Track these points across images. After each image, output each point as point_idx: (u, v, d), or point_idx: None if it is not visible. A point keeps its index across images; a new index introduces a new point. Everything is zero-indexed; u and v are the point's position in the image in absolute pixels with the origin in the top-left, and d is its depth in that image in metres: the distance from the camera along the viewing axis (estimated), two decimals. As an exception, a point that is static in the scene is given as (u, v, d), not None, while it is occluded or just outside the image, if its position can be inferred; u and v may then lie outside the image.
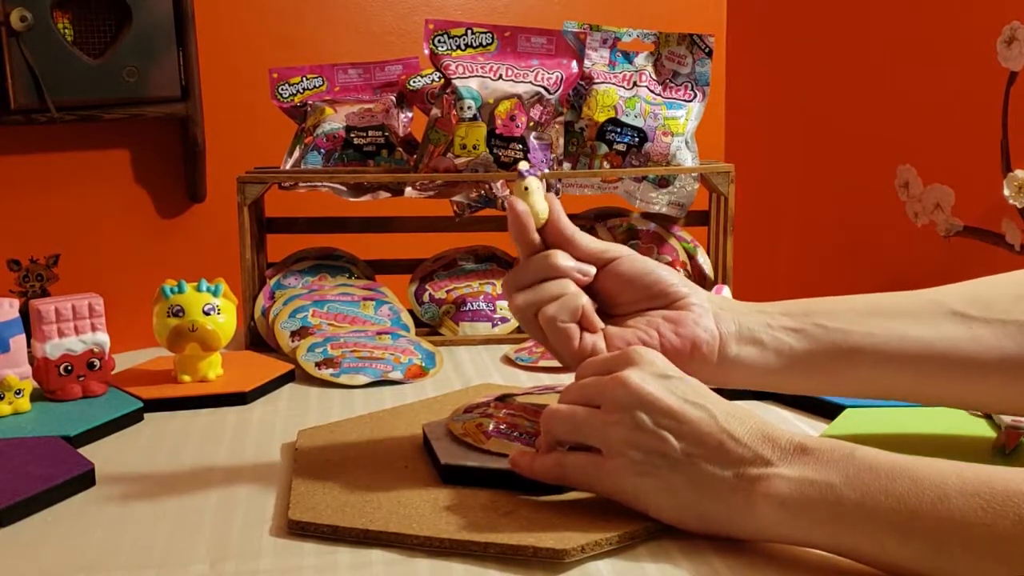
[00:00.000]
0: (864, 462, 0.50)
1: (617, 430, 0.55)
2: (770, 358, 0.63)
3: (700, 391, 0.56)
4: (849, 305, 0.63)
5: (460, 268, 1.11)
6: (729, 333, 0.63)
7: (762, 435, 0.53)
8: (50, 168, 1.80)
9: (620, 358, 0.58)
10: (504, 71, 1.05)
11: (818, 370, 0.63)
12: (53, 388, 0.82)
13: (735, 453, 0.53)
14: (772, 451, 0.53)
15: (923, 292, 0.64)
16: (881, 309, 0.63)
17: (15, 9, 1.57)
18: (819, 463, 0.51)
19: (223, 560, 0.57)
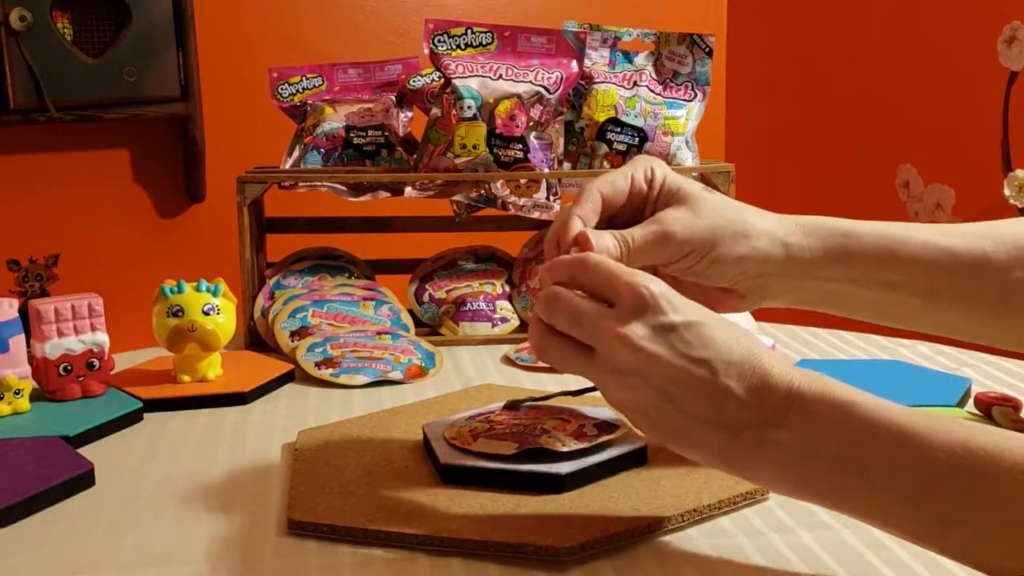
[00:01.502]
0: (864, 425, 0.48)
1: (617, 361, 0.52)
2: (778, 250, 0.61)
3: (703, 338, 0.51)
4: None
5: (460, 268, 1.11)
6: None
7: (761, 385, 0.50)
8: (50, 168, 1.80)
9: (626, 293, 0.52)
10: (504, 71, 1.05)
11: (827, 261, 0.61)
12: (52, 388, 0.82)
13: (731, 414, 0.50)
14: (769, 409, 0.50)
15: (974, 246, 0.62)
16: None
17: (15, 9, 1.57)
18: (817, 424, 0.49)
19: (223, 560, 0.57)
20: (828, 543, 0.57)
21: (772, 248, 0.60)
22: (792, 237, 0.60)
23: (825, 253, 0.60)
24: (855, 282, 0.61)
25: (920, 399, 0.78)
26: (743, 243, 0.60)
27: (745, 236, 0.60)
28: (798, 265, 0.61)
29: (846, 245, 0.60)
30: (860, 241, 0.61)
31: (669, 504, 0.60)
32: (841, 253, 0.60)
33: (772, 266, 0.60)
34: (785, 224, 0.61)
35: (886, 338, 1.03)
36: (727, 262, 0.60)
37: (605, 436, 0.65)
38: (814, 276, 0.61)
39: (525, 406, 0.71)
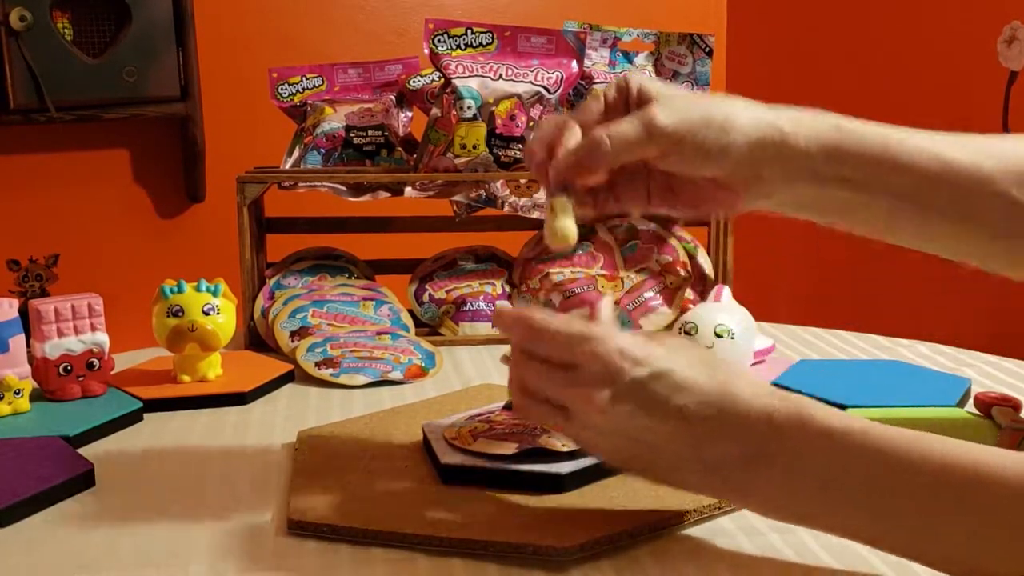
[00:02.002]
0: (842, 451, 0.49)
1: (591, 422, 0.54)
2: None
3: (674, 385, 0.52)
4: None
5: (460, 268, 1.11)
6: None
7: (738, 423, 0.51)
8: (49, 168, 1.80)
9: (587, 362, 0.52)
10: (504, 71, 1.05)
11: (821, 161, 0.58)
12: (52, 388, 0.82)
13: (711, 454, 0.51)
14: (750, 445, 0.51)
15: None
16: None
17: (14, 9, 1.57)
18: (797, 455, 0.50)
19: (223, 560, 0.57)
20: (828, 543, 0.57)
21: (763, 132, 0.57)
22: (784, 123, 0.58)
23: (819, 145, 0.57)
24: (848, 183, 0.58)
25: (920, 399, 0.78)
26: (733, 128, 0.57)
27: (733, 120, 0.57)
28: (791, 155, 0.57)
29: (839, 140, 0.57)
30: (854, 137, 0.58)
31: (669, 504, 0.60)
32: (834, 148, 0.57)
33: (766, 151, 0.57)
34: (776, 110, 0.58)
35: (886, 338, 1.03)
36: (718, 148, 0.57)
37: (605, 436, 0.65)
38: (807, 170, 0.58)
39: None
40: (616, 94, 0.59)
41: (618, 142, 0.56)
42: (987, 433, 0.70)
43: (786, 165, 0.57)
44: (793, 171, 0.58)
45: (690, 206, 0.62)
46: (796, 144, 0.57)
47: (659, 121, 0.56)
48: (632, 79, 0.59)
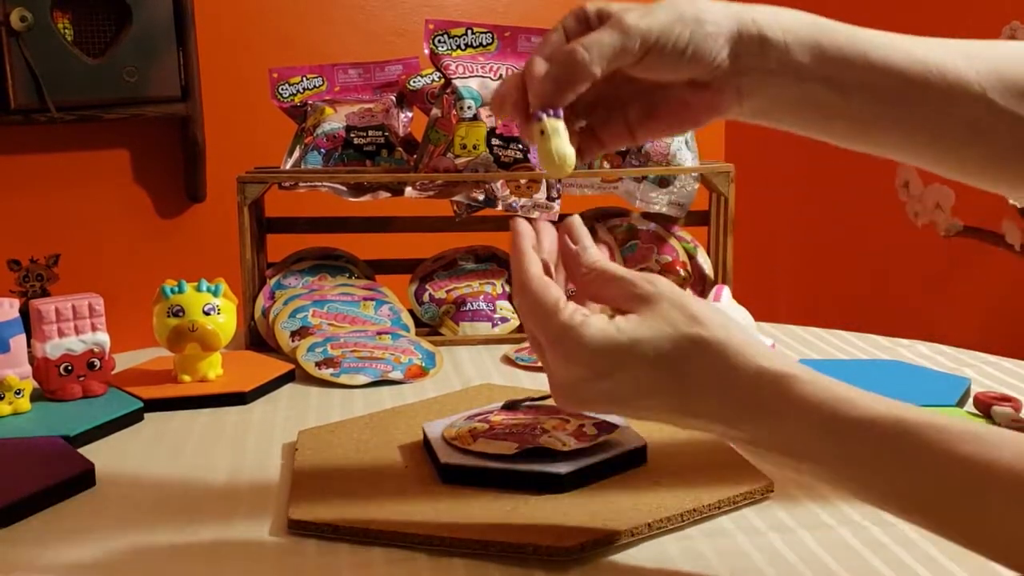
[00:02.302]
0: (844, 435, 0.47)
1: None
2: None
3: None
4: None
5: (460, 268, 1.11)
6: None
7: (732, 410, 0.49)
8: (50, 168, 1.80)
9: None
10: (504, 71, 1.05)
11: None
12: (53, 388, 0.82)
13: (691, 425, 0.51)
14: (740, 423, 0.49)
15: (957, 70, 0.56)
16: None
17: (15, 9, 1.57)
18: (793, 430, 0.48)
19: (223, 559, 0.57)
20: (828, 543, 0.57)
21: (740, 26, 0.55)
22: (760, 17, 0.55)
23: (798, 41, 0.55)
24: (830, 82, 0.55)
25: (920, 399, 0.78)
26: (706, 20, 0.54)
27: (705, 13, 0.55)
28: (771, 50, 0.55)
29: (820, 37, 0.55)
30: (835, 35, 0.56)
31: (669, 504, 0.60)
32: (814, 44, 0.55)
33: (743, 46, 0.55)
34: (750, 6, 0.56)
35: (886, 338, 1.03)
36: (695, 42, 0.54)
37: (605, 436, 0.65)
38: (788, 66, 0.55)
39: (524, 406, 0.71)
40: (575, 23, 0.56)
41: (594, 48, 0.53)
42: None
43: (766, 60, 0.55)
44: (774, 67, 0.55)
45: (673, 121, 0.60)
46: (775, 38, 0.55)
47: (630, 21, 0.53)
48: (589, 5, 0.56)
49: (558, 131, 0.54)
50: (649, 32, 0.53)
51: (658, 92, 0.59)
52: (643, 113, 0.60)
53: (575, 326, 0.50)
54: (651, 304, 0.50)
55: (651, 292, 0.51)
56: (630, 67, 0.55)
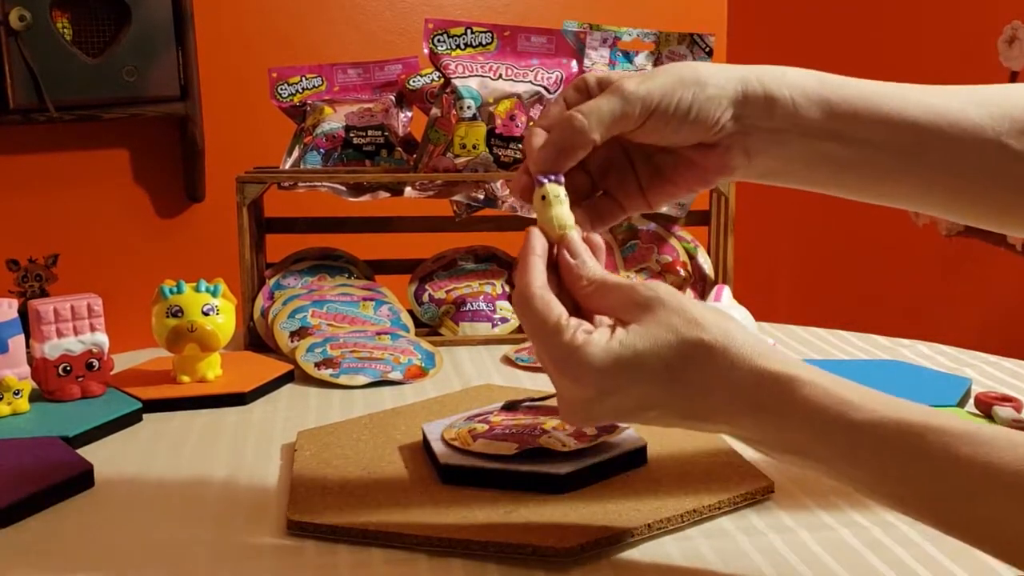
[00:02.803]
0: (854, 438, 0.47)
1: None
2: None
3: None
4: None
5: (460, 268, 1.11)
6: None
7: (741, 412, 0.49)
8: (49, 168, 1.80)
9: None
10: (504, 70, 1.05)
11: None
12: (52, 388, 0.82)
13: (698, 427, 0.51)
14: (748, 425, 0.49)
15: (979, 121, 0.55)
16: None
17: (14, 8, 1.57)
18: (797, 432, 0.48)
19: (222, 560, 0.57)
20: (828, 543, 0.57)
21: (744, 86, 0.55)
22: (764, 77, 0.55)
23: (805, 98, 0.55)
24: (839, 137, 0.55)
25: (920, 399, 0.77)
26: (707, 84, 0.54)
27: (706, 76, 0.54)
28: (777, 108, 0.55)
29: (826, 93, 0.55)
30: (841, 90, 0.55)
31: (669, 504, 0.60)
32: (821, 100, 0.55)
33: (749, 107, 0.55)
34: (751, 67, 0.56)
35: (886, 338, 1.03)
36: (697, 105, 0.54)
37: (605, 436, 0.65)
38: (796, 125, 0.55)
39: (524, 406, 0.71)
40: (576, 94, 0.57)
41: (592, 115, 0.53)
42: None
43: (773, 119, 0.55)
44: (782, 126, 0.55)
45: (682, 183, 0.59)
46: (782, 96, 0.55)
47: (630, 88, 0.53)
48: (588, 76, 0.57)
49: (559, 197, 0.53)
50: (649, 97, 0.53)
51: (666, 155, 0.58)
52: (653, 176, 0.59)
53: (579, 347, 0.49)
54: (651, 311, 0.50)
55: (650, 298, 0.50)
56: (633, 133, 0.55)
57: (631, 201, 0.59)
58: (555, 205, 0.53)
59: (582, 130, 0.53)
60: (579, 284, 0.53)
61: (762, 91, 0.54)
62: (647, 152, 0.59)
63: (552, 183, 0.53)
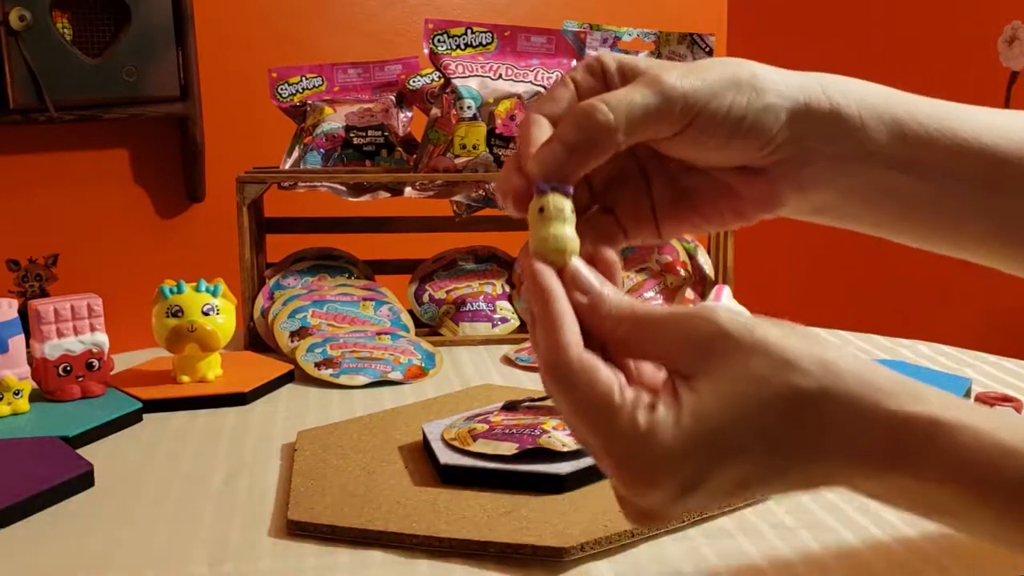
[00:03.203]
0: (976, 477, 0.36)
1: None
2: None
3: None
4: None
5: (460, 268, 1.11)
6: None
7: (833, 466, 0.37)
8: (49, 168, 1.80)
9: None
10: (504, 71, 1.05)
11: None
12: (52, 388, 0.82)
13: (813, 491, 0.41)
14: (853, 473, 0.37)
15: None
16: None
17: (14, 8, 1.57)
18: (938, 489, 0.37)
19: (222, 561, 0.57)
20: (828, 543, 0.57)
21: (808, 97, 0.43)
22: (831, 88, 0.43)
23: (874, 116, 0.43)
24: (910, 167, 0.44)
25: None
26: (766, 89, 0.42)
27: (764, 79, 0.42)
28: (844, 128, 0.43)
29: (895, 110, 0.44)
30: (911, 110, 0.44)
31: (669, 504, 0.59)
32: (889, 119, 0.43)
33: (812, 123, 0.42)
34: (812, 74, 0.44)
35: (886, 338, 1.03)
36: (752, 115, 0.41)
37: (605, 436, 0.65)
38: (862, 150, 0.43)
39: (524, 406, 0.71)
40: (589, 77, 0.42)
41: (621, 108, 0.39)
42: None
43: (838, 142, 0.43)
44: (844, 151, 0.43)
45: (712, 214, 0.45)
46: (850, 114, 0.43)
47: (671, 80, 0.40)
48: (606, 56, 0.43)
49: (563, 213, 0.40)
50: (695, 96, 0.40)
51: (695, 176, 0.45)
52: (674, 201, 0.45)
53: (644, 436, 0.36)
54: (718, 354, 0.37)
55: (711, 334, 0.37)
56: (664, 142, 0.42)
57: (638, 226, 0.45)
58: (557, 222, 0.40)
59: (607, 127, 0.39)
60: (604, 326, 0.39)
61: (828, 104, 0.43)
62: (670, 169, 0.45)
63: (555, 193, 0.40)
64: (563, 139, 0.40)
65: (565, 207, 0.40)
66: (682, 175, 0.45)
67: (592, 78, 0.42)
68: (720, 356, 0.37)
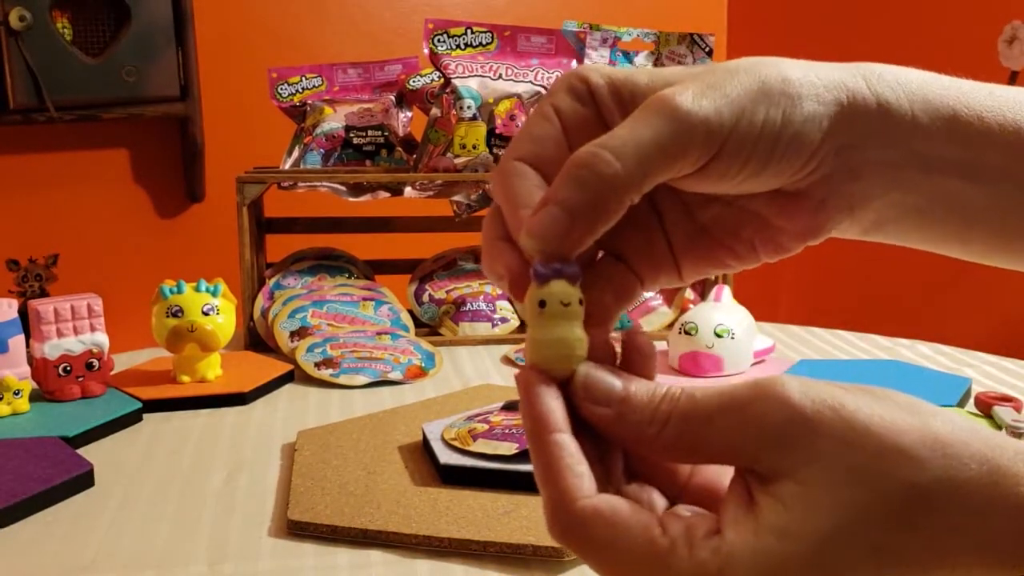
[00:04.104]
0: None
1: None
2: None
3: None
4: None
5: (460, 268, 1.11)
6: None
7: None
8: (49, 168, 1.80)
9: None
10: (504, 70, 1.05)
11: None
12: (52, 389, 0.82)
13: None
14: None
15: None
16: None
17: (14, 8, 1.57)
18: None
19: (222, 561, 0.56)
20: (828, 543, 0.57)
21: (850, 96, 0.33)
22: (875, 78, 0.34)
23: (927, 110, 0.34)
24: (968, 170, 0.35)
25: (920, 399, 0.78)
26: (801, 94, 0.32)
27: (794, 80, 0.32)
28: (896, 129, 0.34)
29: (951, 102, 0.35)
30: (969, 101, 0.35)
31: (669, 504, 0.59)
32: (948, 114, 0.35)
33: (859, 129, 0.33)
34: (847, 66, 0.35)
35: (886, 338, 1.03)
36: (790, 131, 0.32)
37: (605, 436, 0.65)
38: (915, 153, 0.34)
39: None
40: (576, 103, 0.33)
41: (629, 153, 0.30)
42: (987, 433, 0.70)
43: (890, 146, 0.34)
44: (900, 156, 0.34)
45: (743, 250, 0.36)
46: (900, 109, 0.34)
47: (686, 104, 0.30)
48: (592, 74, 0.33)
49: (571, 307, 0.30)
50: (719, 119, 0.31)
51: (718, 207, 0.36)
52: (694, 237, 0.36)
53: (715, 571, 0.27)
54: (806, 447, 0.28)
55: (789, 417, 0.28)
56: (683, 179, 0.32)
57: (655, 271, 0.36)
58: (562, 322, 0.30)
59: (615, 182, 0.30)
60: (643, 435, 0.30)
61: (875, 103, 0.34)
62: (686, 201, 0.36)
63: (560, 280, 0.30)
64: (562, 202, 0.30)
65: (573, 300, 0.30)
66: (701, 206, 0.36)
67: (579, 104, 0.33)
68: (804, 449, 0.28)
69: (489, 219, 0.33)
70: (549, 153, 0.32)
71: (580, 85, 0.33)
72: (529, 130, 0.33)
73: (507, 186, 0.32)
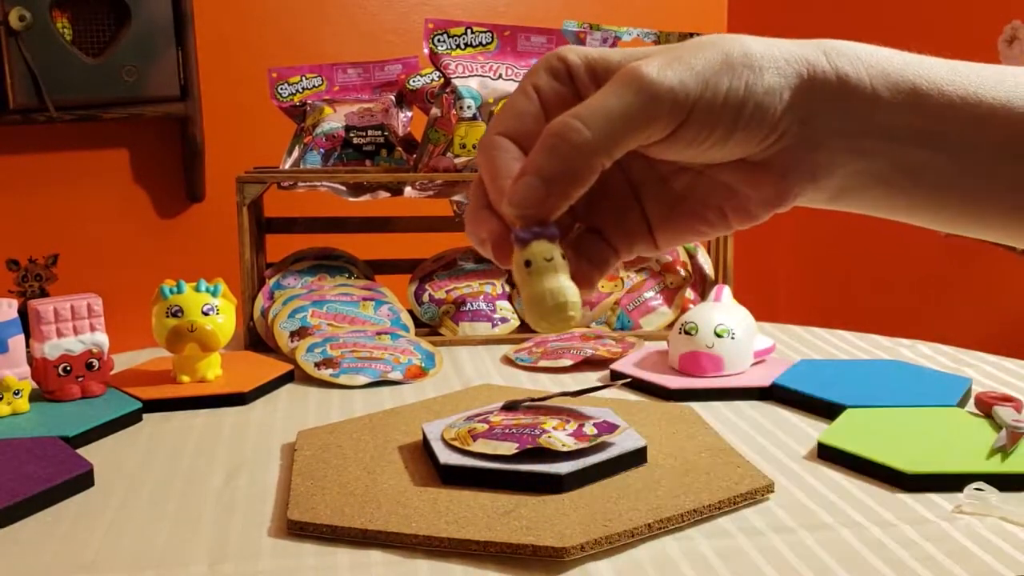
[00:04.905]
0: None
1: None
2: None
3: None
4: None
5: (460, 268, 1.11)
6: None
7: None
8: (49, 168, 1.80)
9: None
10: (504, 70, 1.05)
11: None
12: (52, 388, 0.82)
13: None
14: None
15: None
16: None
17: (14, 8, 1.57)
18: None
19: (222, 560, 0.57)
20: (828, 543, 0.57)
21: (810, 70, 0.36)
22: (834, 53, 0.37)
23: (887, 84, 0.37)
24: (930, 140, 0.37)
25: (920, 399, 0.78)
26: (763, 66, 0.35)
27: (755, 53, 0.36)
28: (856, 102, 0.36)
29: (911, 76, 0.37)
30: (929, 74, 0.37)
31: (669, 504, 0.59)
32: (906, 87, 0.37)
33: (817, 99, 0.36)
34: (809, 42, 0.38)
35: (886, 338, 1.03)
36: (753, 100, 0.35)
37: (605, 436, 0.65)
38: (875, 124, 0.37)
39: (524, 406, 0.71)
40: (553, 81, 0.37)
41: (598, 121, 0.33)
42: (988, 433, 0.70)
43: (849, 118, 0.37)
44: (860, 127, 0.37)
45: (713, 218, 0.40)
46: (861, 83, 0.36)
47: (652, 74, 0.34)
48: (569, 53, 0.37)
49: (554, 262, 0.34)
50: (683, 89, 0.34)
51: (689, 176, 0.39)
52: (669, 208, 0.40)
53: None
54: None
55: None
56: (653, 147, 0.36)
57: (630, 242, 0.39)
58: (548, 275, 0.34)
59: (585, 148, 0.33)
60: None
61: (835, 75, 0.36)
62: (660, 172, 0.39)
63: (540, 240, 0.34)
64: (537, 170, 0.34)
65: (555, 254, 0.34)
66: (673, 176, 0.39)
67: (557, 82, 0.36)
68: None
69: (473, 189, 0.37)
70: (528, 128, 0.36)
71: (558, 64, 0.37)
72: (511, 106, 0.36)
73: (489, 159, 0.35)
